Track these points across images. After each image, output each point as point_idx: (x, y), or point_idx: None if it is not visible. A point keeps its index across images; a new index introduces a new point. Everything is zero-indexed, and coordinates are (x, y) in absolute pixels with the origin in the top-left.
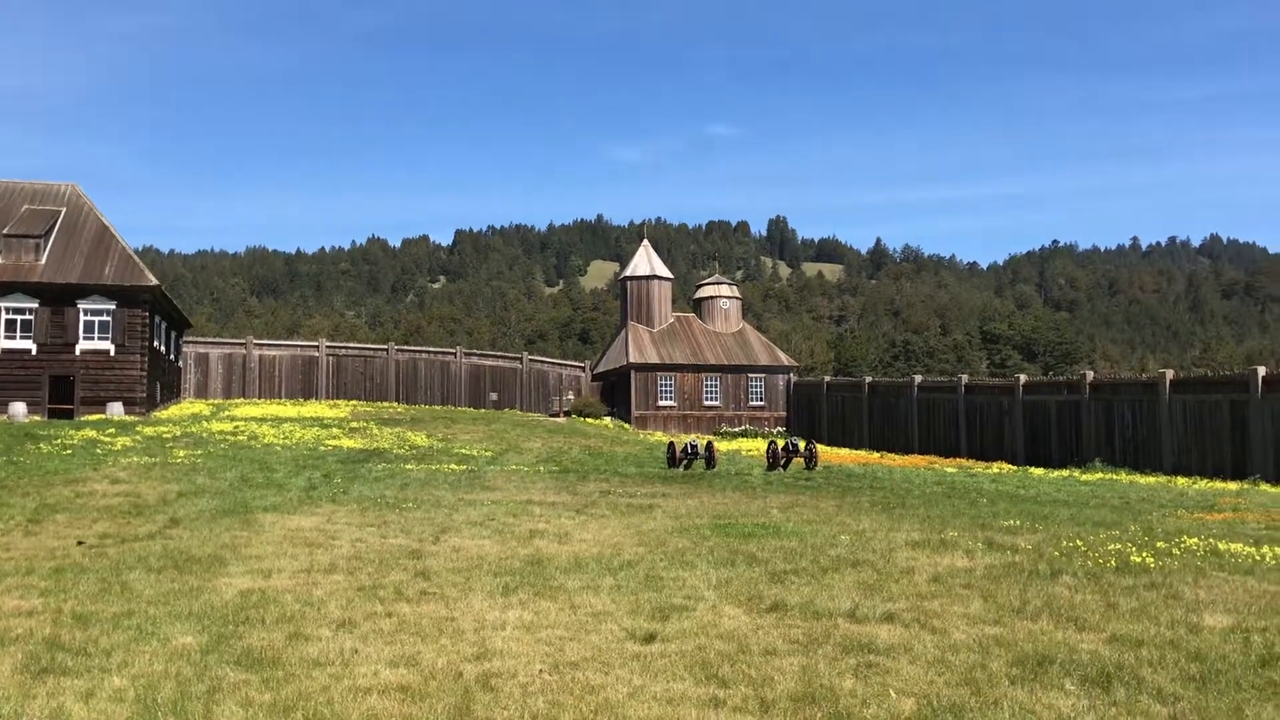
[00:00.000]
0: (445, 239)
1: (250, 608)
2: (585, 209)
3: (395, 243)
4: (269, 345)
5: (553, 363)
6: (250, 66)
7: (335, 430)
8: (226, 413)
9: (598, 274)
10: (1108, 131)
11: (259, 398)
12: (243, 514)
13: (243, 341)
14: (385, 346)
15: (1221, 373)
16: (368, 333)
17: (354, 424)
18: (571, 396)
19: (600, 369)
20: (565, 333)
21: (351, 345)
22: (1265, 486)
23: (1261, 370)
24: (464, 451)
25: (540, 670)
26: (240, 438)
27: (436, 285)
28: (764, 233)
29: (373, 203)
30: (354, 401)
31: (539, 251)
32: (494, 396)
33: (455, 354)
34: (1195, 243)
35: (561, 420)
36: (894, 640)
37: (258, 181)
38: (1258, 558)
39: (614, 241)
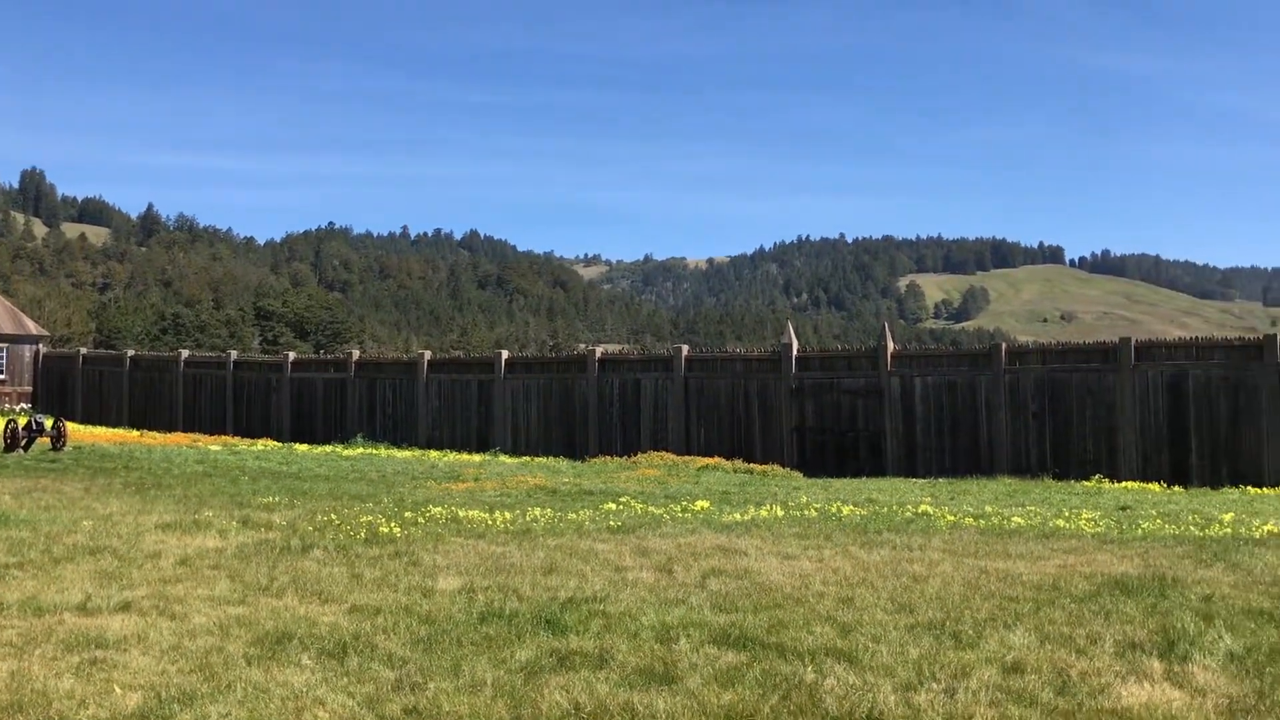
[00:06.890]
0: None
1: None
2: None
3: None
4: None
5: None
6: None
7: None
8: None
9: None
10: (385, 123)
11: None
12: None
13: None
14: None
15: (473, 355)
16: None
17: None
18: None
19: None
20: None
21: None
22: (504, 458)
23: (505, 354)
24: None
25: None
26: None
27: None
28: (15, 185)
29: None
30: None
31: None
32: None
33: None
34: (458, 236)
35: None
36: (128, 631)
37: None
38: (490, 522)
39: None
